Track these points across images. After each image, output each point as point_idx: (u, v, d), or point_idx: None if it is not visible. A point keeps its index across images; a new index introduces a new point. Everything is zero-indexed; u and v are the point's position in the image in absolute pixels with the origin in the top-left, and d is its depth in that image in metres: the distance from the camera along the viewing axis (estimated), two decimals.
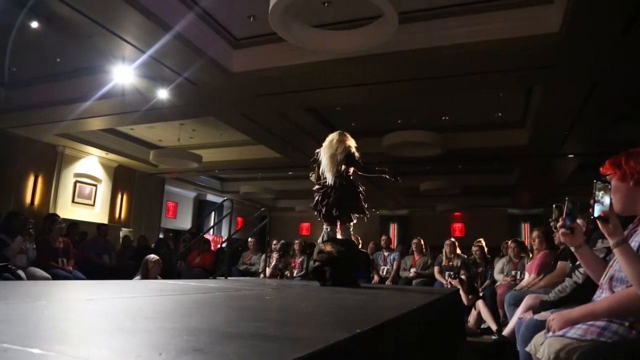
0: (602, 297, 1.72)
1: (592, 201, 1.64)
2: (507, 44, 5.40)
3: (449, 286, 5.90)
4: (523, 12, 5.25)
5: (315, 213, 4.20)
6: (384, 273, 7.03)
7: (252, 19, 5.93)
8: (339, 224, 4.13)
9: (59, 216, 6.08)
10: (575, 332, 1.61)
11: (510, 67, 6.12)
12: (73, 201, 10.64)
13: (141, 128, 10.18)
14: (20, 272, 4.76)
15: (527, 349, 1.89)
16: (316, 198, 4.16)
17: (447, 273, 6.29)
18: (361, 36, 5.19)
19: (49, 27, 5.91)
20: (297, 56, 6.11)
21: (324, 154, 4.13)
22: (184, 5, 5.52)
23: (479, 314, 5.40)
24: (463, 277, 5.84)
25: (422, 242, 7.09)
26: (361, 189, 4.17)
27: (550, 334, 1.70)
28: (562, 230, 1.79)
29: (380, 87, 7.04)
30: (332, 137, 4.18)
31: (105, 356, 0.89)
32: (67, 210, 10.19)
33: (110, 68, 6.65)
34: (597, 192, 1.64)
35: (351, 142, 4.16)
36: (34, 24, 5.79)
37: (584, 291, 2.24)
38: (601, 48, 5.34)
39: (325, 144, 4.18)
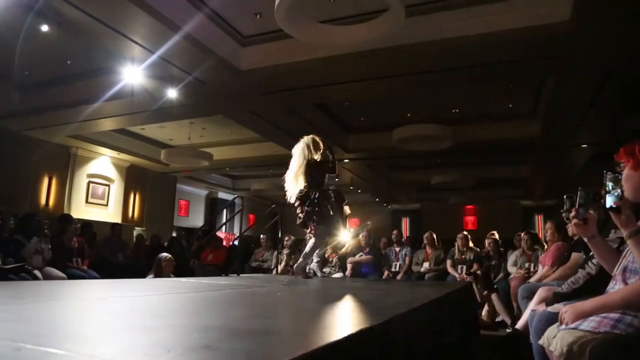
0: (615, 288, 1.70)
1: (603, 192, 1.62)
2: (516, 35, 5.32)
3: (466, 279, 5.82)
4: (531, 1, 5.17)
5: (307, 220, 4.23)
6: (396, 268, 7.00)
7: (258, 16, 5.93)
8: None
9: (72, 217, 6.16)
10: (588, 324, 1.59)
11: (520, 58, 6.04)
12: (87, 201, 10.76)
13: (152, 128, 10.26)
14: (37, 272, 4.83)
15: (540, 341, 1.86)
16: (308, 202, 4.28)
17: (459, 267, 6.25)
18: (368, 29, 5.16)
19: (59, 30, 5.96)
20: (305, 52, 6.09)
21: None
22: (191, 6, 5.54)
23: (492, 307, 5.36)
24: (478, 272, 5.76)
25: (434, 236, 7.03)
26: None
27: (563, 326, 1.68)
28: (575, 221, 1.77)
29: (388, 80, 7.00)
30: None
31: (113, 354, 0.90)
32: (81, 210, 10.31)
33: (119, 69, 6.71)
34: (607, 183, 1.62)
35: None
36: (45, 28, 5.85)
37: (598, 283, 2.22)
38: (613, 35, 5.24)
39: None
